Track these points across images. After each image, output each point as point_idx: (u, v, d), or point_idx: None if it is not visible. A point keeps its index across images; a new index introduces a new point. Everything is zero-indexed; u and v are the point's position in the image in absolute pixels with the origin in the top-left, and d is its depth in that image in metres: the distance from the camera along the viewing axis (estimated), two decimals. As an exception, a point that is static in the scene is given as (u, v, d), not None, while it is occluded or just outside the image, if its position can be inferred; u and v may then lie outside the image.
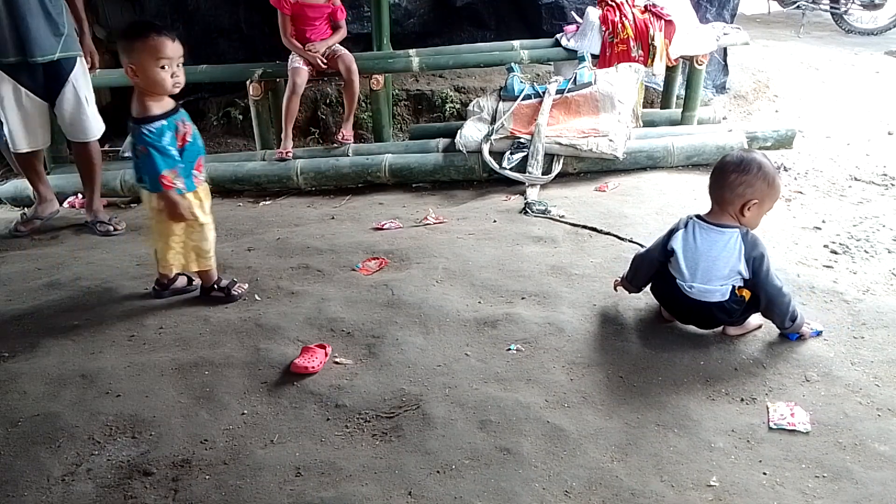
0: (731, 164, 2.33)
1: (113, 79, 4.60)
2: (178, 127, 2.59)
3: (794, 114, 5.61)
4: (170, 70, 2.50)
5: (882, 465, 1.89)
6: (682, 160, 4.20)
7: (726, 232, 2.33)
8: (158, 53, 2.47)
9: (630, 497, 1.81)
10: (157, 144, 2.49)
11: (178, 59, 2.53)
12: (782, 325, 2.38)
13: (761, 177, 2.29)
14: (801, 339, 2.40)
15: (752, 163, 2.30)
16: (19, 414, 2.20)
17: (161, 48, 2.47)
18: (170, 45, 2.49)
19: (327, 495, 1.84)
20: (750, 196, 2.30)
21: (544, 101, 4.29)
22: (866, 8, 8.84)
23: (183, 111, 2.65)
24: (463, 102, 5.54)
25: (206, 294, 2.88)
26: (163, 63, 2.48)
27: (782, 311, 2.34)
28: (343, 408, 2.18)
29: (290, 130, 4.47)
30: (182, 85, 2.57)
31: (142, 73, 2.49)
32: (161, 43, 2.47)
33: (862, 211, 3.56)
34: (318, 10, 4.45)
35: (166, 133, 2.53)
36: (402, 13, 5.66)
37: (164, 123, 2.53)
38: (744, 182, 2.29)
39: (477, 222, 3.55)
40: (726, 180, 2.32)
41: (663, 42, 4.63)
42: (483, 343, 2.48)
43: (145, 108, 2.53)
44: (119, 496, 1.88)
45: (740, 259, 2.31)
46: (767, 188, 2.31)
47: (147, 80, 2.50)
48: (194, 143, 2.65)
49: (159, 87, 2.51)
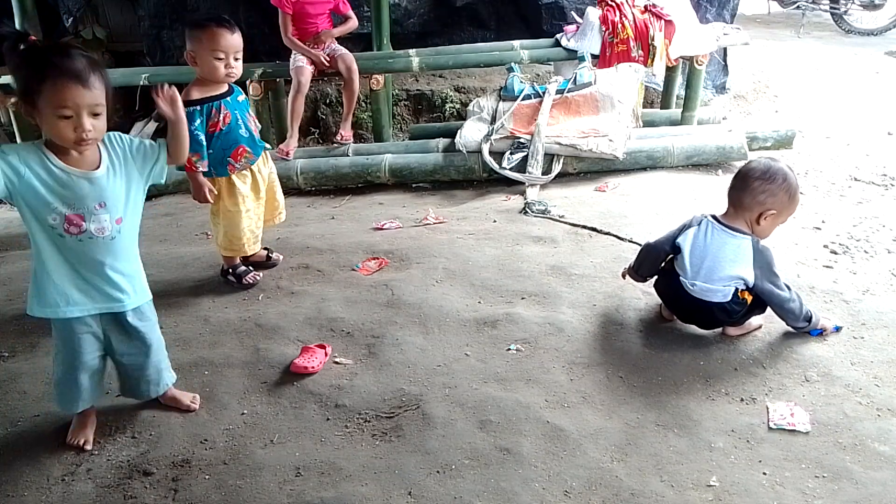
0: (757, 171, 2.31)
1: (113, 79, 4.58)
2: (211, 114, 2.71)
3: (794, 114, 5.61)
4: (224, 61, 2.64)
5: (882, 465, 1.89)
6: (682, 160, 4.20)
7: (738, 237, 2.32)
8: (214, 44, 2.61)
9: (630, 497, 1.81)
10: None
11: (235, 52, 2.67)
12: (796, 328, 2.40)
13: (784, 188, 2.28)
14: (824, 334, 2.41)
15: (777, 173, 2.29)
16: (19, 414, 2.20)
17: (217, 39, 2.62)
18: (228, 37, 2.63)
19: (327, 495, 1.84)
20: (770, 206, 2.29)
21: (544, 101, 4.29)
22: (866, 8, 8.84)
23: (230, 99, 2.74)
24: (463, 102, 5.54)
25: (222, 275, 3.01)
26: (218, 54, 2.62)
27: (795, 316, 2.36)
28: (343, 408, 2.18)
29: (295, 129, 4.48)
30: (236, 76, 2.71)
31: (199, 60, 2.64)
32: (219, 34, 2.62)
33: (862, 211, 3.56)
34: (319, 8, 4.44)
35: (196, 118, 2.65)
36: (402, 13, 5.66)
37: (197, 109, 2.66)
38: (767, 191, 2.28)
39: (477, 222, 3.55)
40: (749, 186, 2.30)
41: (663, 42, 4.62)
42: (483, 343, 2.48)
43: (187, 93, 2.65)
44: (119, 496, 1.88)
45: (747, 267, 2.31)
46: (788, 201, 2.30)
47: (202, 67, 2.66)
48: (229, 132, 2.73)
49: (212, 74, 2.66)
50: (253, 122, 2.84)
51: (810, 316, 2.37)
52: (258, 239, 2.98)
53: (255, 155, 2.83)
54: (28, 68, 1.74)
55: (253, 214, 2.90)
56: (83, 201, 1.83)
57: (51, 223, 1.81)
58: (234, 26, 2.66)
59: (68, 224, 1.82)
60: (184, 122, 2.01)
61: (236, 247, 2.89)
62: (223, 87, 2.73)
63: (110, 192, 1.87)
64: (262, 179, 2.90)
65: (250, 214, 2.88)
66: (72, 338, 1.94)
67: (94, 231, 1.85)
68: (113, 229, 1.88)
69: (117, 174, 1.89)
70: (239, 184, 2.81)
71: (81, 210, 1.83)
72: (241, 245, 2.89)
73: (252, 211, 2.89)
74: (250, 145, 2.80)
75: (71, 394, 2.01)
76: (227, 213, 2.82)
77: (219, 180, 2.78)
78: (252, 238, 2.92)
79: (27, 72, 1.74)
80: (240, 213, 2.84)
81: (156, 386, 2.13)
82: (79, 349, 1.95)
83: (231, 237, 2.87)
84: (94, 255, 1.88)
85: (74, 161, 1.82)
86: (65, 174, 1.80)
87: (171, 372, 2.20)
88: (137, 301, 2.01)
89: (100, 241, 1.87)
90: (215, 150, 2.71)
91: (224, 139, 2.72)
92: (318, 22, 4.46)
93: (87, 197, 1.83)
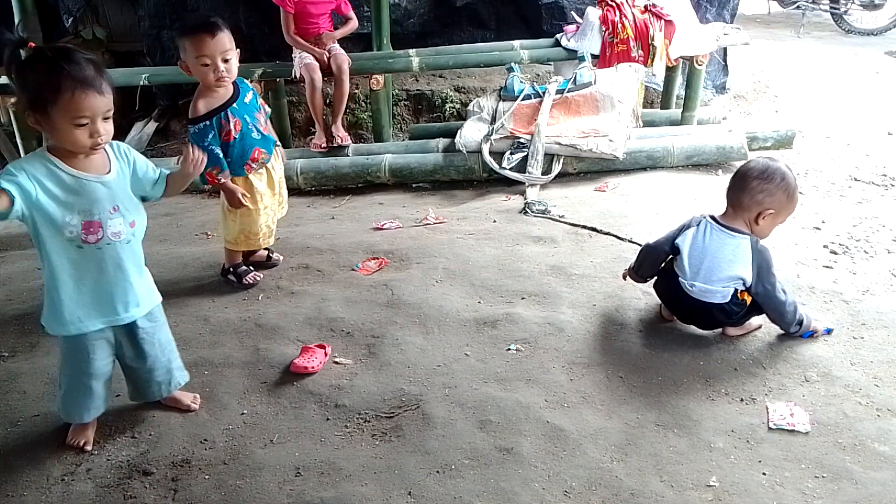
0: (755, 171, 2.31)
1: (114, 79, 4.58)
2: (221, 125, 2.65)
3: (794, 114, 5.61)
4: (212, 66, 2.54)
5: (882, 465, 1.89)
6: (682, 160, 4.20)
7: (737, 237, 2.32)
8: (197, 51, 2.52)
9: (630, 497, 1.81)
10: (200, 144, 2.55)
11: (223, 54, 2.55)
12: (789, 330, 2.39)
13: (782, 188, 2.28)
14: (814, 336, 2.41)
15: (775, 172, 2.29)
16: (19, 414, 2.20)
17: (199, 45, 2.52)
18: (209, 42, 2.51)
19: (327, 495, 1.84)
20: (768, 205, 2.29)
21: (544, 101, 4.29)
22: (866, 8, 8.83)
23: (237, 105, 2.68)
24: (463, 102, 5.54)
25: (223, 275, 3.02)
26: (204, 60, 2.53)
27: (788, 320, 2.36)
28: (343, 408, 2.18)
29: (321, 124, 4.49)
30: (228, 79, 2.61)
31: (190, 68, 2.57)
32: (200, 40, 2.51)
33: (862, 211, 3.56)
34: (321, 7, 4.42)
35: (209, 133, 2.62)
36: (402, 13, 5.66)
37: (207, 124, 2.62)
38: (764, 190, 2.28)
39: (477, 222, 3.55)
40: (747, 186, 2.30)
41: (663, 42, 4.62)
42: (483, 343, 2.48)
43: (195, 108, 2.62)
44: (119, 496, 1.88)
45: (746, 267, 2.31)
46: (786, 200, 2.30)
47: (195, 74, 2.58)
48: (243, 138, 2.70)
49: (203, 81, 2.59)
50: (263, 119, 2.82)
51: (802, 319, 2.37)
52: (273, 232, 3.00)
53: (269, 153, 2.84)
54: (38, 78, 1.70)
55: (270, 210, 2.93)
56: (98, 206, 1.82)
57: (68, 236, 1.80)
58: (218, 27, 2.53)
59: (86, 232, 1.80)
60: (193, 177, 2.06)
61: (252, 241, 2.92)
62: (227, 91, 2.67)
63: (122, 195, 1.87)
64: (276, 175, 2.92)
65: (268, 211, 2.91)
66: (85, 346, 1.92)
67: (111, 236, 1.84)
68: (128, 233, 1.88)
69: (126, 178, 1.90)
70: (256, 182, 2.83)
71: (98, 216, 1.82)
72: (258, 240, 2.92)
73: (269, 207, 2.91)
74: (263, 146, 2.80)
75: (83, 403, 2.00)
76: (247, 211, 2.81)
77: (237, 180, 2.79)
78: (268, 232, 2.96)
79: (38, 82, 1.71)
80: (259, 211, 2.86)
81: (167, 386, 2.13)
82: (92, 357, 1.94)
83: (248, 233, 2.89)
84: (114, 261, 1.87)
85: (84, 166, 1.81)
86: (77, 180, 1.79)
87: (184, 371, 2.20)
88: (150, 304, 2.01)
89: (118, 246, 1.87)
90: (233, 158, 2.72)
91: (239, 146, 2.71)
92: (319, 22, 4.44)
93: (102, 201, 1.82)
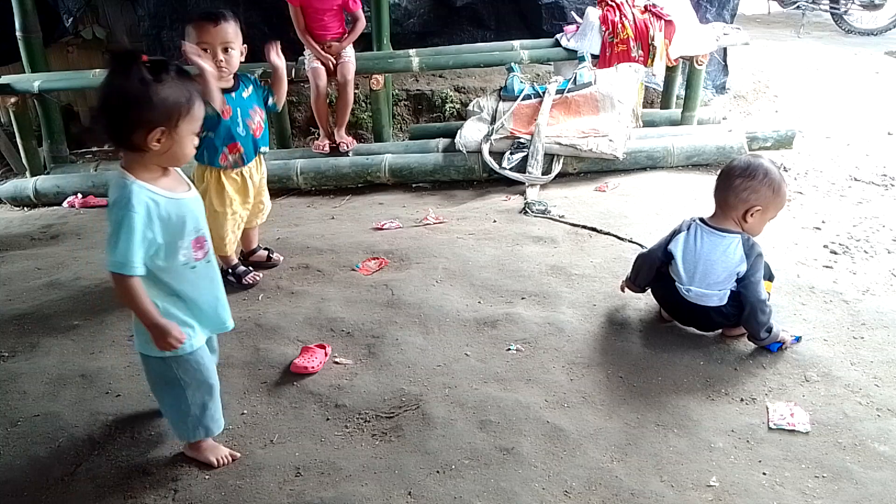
0: (738, 169, 2.30)
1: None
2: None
3: (794, 114, 5.60)
4: (211, 53, 2.56)
5: (882, 465, 1.89)
6: (682, 160, 4.20)
7: (727, 237, 2.32)
8: (198, 38, 2.54)
9: (630, 497, 1.81)
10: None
11: (223, 44, 2.57)
12: (757, 335, 2.31)
13: (767, 183, 2.27)
14: (783, 348, 2.35)
15: (758, 169, 2.27)
16: (19, 414, 2.20)
17: (200, 33, 2.54)
18: (210, 29, 2.54)
19: (327, 495, 1.84)
20: (754, 202, 2.28)
21: (544, 101, 4.29)
22: (866, 8, 8.83)
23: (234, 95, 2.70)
24: (463, 102, 5.54)
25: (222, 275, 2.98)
26: (203, 46, 2.54)
27: (761, 322, 2.29)
28: (343, 408, 2.18)
29: (325, 128, 4.48)
30: (229, 69, 2.62)
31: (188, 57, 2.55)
32: (202, 27, 2.54)
33: (862, 211, 3.56)
34: (327, 3, 4.35)
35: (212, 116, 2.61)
36: (402, 13, 5.66)
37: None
38: (749, 188, 2.27)
39: (477, 222, 3.55)
40: (731, 184, 2.30)
41: (663, 42, 4.62)
42: (483, 343, 2.48)
43: None
44: (119, 496, 1.88)
45: (739, 264, 2.30)
46: (772, 195, 2.29)
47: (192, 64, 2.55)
48: (228, 125, 2.69)
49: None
50: (258, 119, 2.81)
51: (772, 327, 2.31)
52: (237, 241, 2.97)
53: (249, 155, 2.81)
54: (176, 92, 1.65)
55: (238, 217, 2.89)
56: (196, 223, 1.80)
57: (183, 261, 1.78)
58: (223, 17, 2.56)
59: (196, 251, 1.80)
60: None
61: (217, 246, 2.82)
62: (229, 81, 2.69)
63: (201, 210, 1.86)
64: (251, 185, 2.88)
65: (235, 217, 2.87)
66: (202, 357, 1.89)
67: (209, 248, 1.86)
68: (209, 244, 1.89)
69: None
70: (228, 185, 2.80)
71: (201, 231, 1.82)
72: (224, 245, 2.87)
73: (238, 214, 2.88)
74: (245, 144, 2.78)
75: (217, 409, 1.97)
76: (214, 212, 2.78)
77: (208, 177, 2.77)
78: (233, 239, 2.91)
79: (176, 96, 1.65)
80: (226, 215, 2.82)
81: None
82: (209, 364, 1.93)
83: (214, 236, 2.83)
84: (215, 272, 1.89)
85: (170, 185, 1.76)
86: (175, 202, 1.74)
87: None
88: None
89: (211, 258, 1.88)
90: (214, 140, 2.70)
91: (224, 129, 2.70)
92: (325, 18, 4.38)
93: (198, 218, 1.81)
